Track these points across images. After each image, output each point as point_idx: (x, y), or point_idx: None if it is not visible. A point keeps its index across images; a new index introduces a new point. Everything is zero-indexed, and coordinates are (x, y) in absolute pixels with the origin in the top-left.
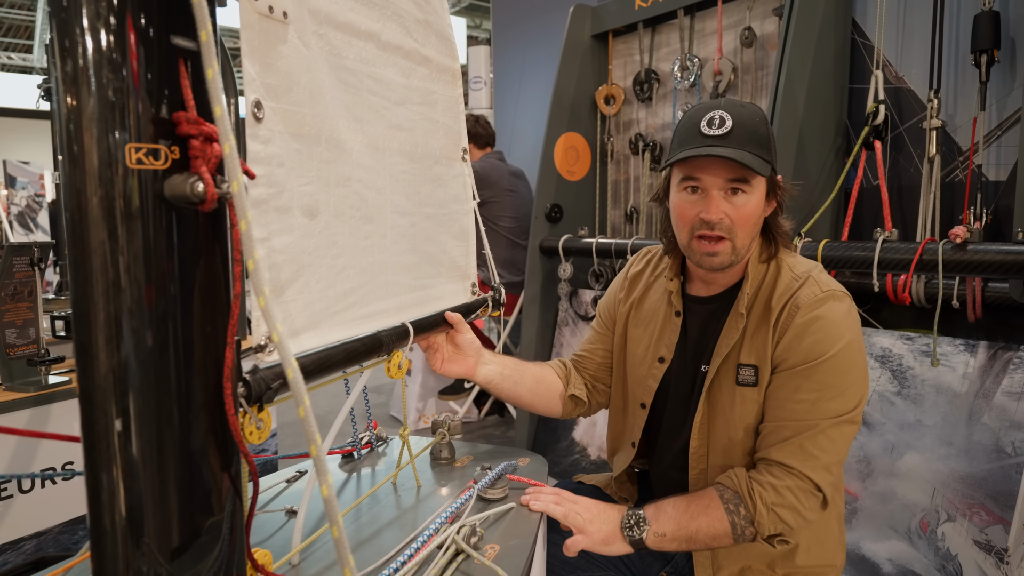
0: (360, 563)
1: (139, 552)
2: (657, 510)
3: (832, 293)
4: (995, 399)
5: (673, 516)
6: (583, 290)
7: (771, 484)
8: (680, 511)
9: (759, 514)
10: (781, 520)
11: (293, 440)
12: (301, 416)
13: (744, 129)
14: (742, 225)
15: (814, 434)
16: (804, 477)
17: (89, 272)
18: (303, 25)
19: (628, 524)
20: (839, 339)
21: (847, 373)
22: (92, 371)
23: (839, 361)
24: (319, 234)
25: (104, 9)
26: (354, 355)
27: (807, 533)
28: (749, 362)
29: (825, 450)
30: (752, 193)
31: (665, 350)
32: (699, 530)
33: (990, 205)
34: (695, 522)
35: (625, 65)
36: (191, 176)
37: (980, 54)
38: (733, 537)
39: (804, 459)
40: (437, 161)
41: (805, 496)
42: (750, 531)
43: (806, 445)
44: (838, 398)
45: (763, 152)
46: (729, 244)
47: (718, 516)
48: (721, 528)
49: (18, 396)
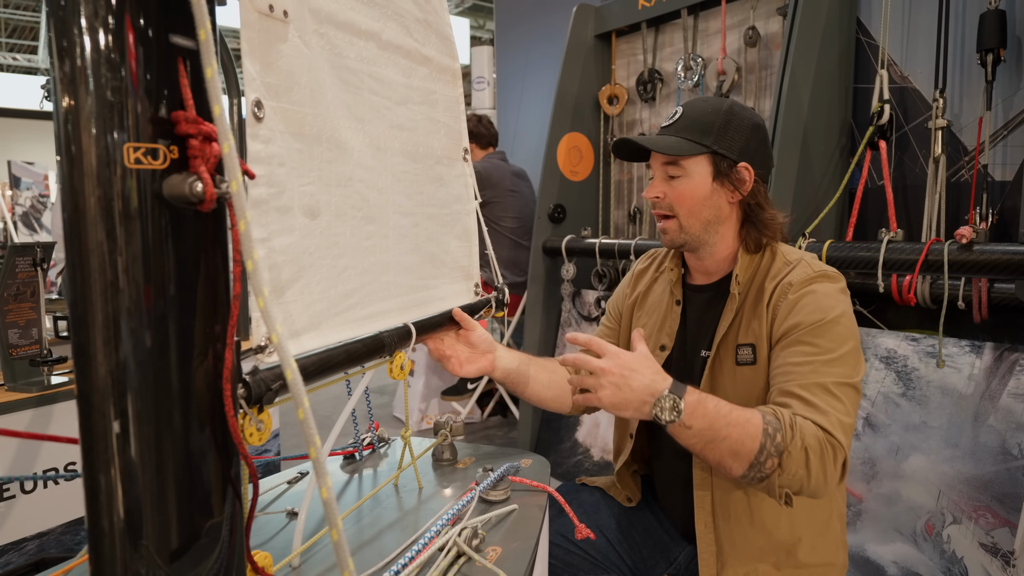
0: (361, 565)
1: (137, 554)
2: (699, 403)
3: (824, 273)
4: (1001, 401)
5: (711, 414)
6: (586, 291)
7: (812, 431)
8: (721, 414)
9: (794, 445)
10: (807, 466)
11: (296, 441)
12: (301, 418)
13: (689, 118)
14: (680, 204)
15: (820, 392)
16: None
17: (87, 272)
18: (304, 24)
19: (662, 405)
20: (834, 308)
21: (844, 341)
22: (90, 372)
23: (837, 327)
24: (320, 234)
25: (102, 8)
26: (355, 356)
27: (809, 527)
28: (747, 341)
29: (834, 407)
30: (686, 176)
31: (666, 338)
32: (727, 438)
33: (996, 205)
34: (728, 429)
35: (628, 65)
36: (190, 176)
37: (986, 53)
38: (750, 463)
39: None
40: (439, 161)
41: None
42: (772, 463)
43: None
44: (838, 362)
45: (701, 137)
46: (675, 222)
47: (753, 433)
48: (750, 447)
49: (20, 396)
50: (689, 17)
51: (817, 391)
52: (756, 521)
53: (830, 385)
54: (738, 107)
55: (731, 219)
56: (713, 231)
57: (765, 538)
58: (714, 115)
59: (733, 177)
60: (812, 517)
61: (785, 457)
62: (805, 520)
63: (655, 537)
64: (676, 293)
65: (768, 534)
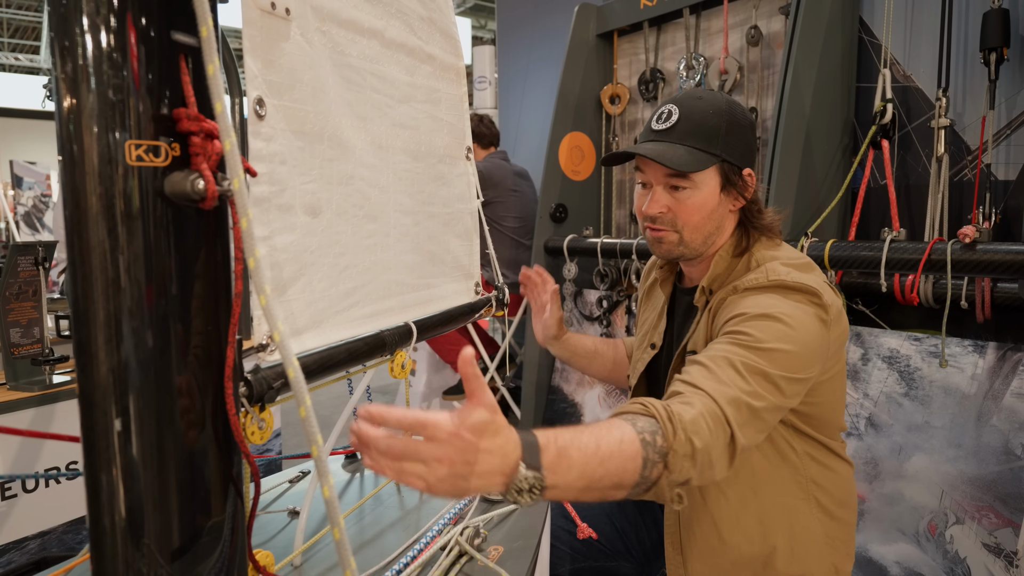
0: (363, 564)
1: (139, 553)
2: (559, 456)
3: (781, 283)
4: (1004, 400)
5: (577, 461)
6: (588, 290)
7: (686, 403)
8: (589, 452)
9: (677, 440)
10: (692, 453)
11: (297, 440)
12: (302, 416)
13: (690, 122)
14: (687, 219)
15: (723, 364)
16: (710, 398)
17: (89, 271)
18: (306, 22)
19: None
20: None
21: (778, 338)
22: (92, 370)
23: (776, 323)
24: (321, 232)
25: (104, 6)
26: (357, 354)
27: (785, 534)
28: (693, 348)
29: (734, 383)
30: (695, 188)
31: (657, 337)
32: (605, 475)
33: (999, 205)
34: (603, 467)
35: (630, 64)
36: (192, 173)
37: (989, 52)
38: (635, 483)
39: (712, 382)
40: (441, 159)
41: (715, 423)
42: (657, 470)
43: (713, 370)
44: (761, 350)
45: (708, 145)
46: (676, 235)
47: (631, 455)
48: (631, 469)
49: (22, 395)
50: (691, 16)
51: (722, 363)
52: (724, 535)
53: (738, 363)
54: (735, 104)
55: (728, 226)
56: (711, 241)
57: (736, 551)
58: (717, 117)
59: (739, 184)
60: (785, 521)
61: (671, 457)
62: (778, 526)
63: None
64: (665, 294)
65: (738, 547)
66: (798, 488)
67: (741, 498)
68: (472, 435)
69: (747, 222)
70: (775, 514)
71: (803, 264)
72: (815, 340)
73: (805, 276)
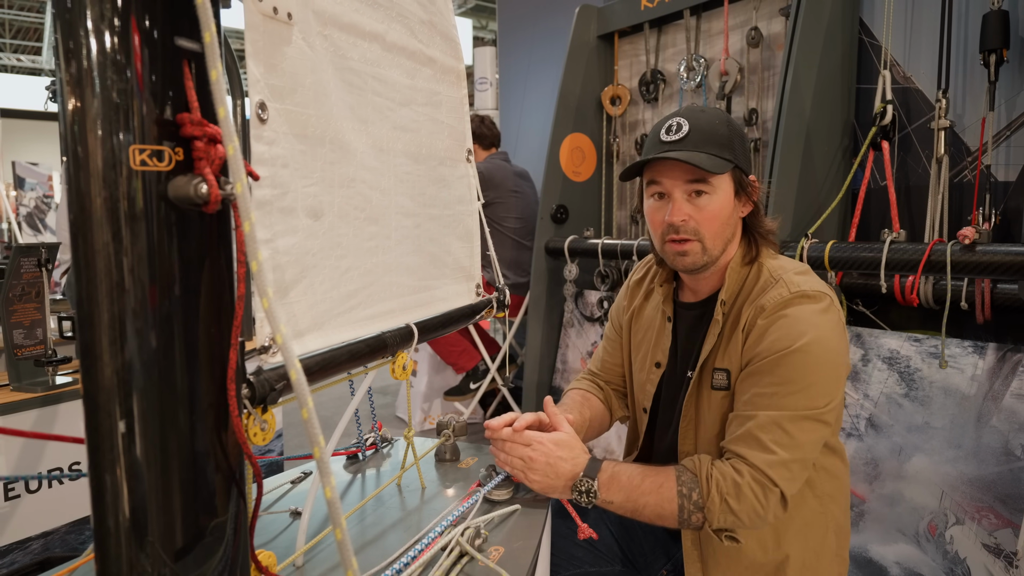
0: (364, 565)
1: (143, 553)
2: (612, 478)
3: (802, 293)
4: (1004, 401)
5: (625, 487)
6: (589, 291)
7: (730, 475)
8: (634, 485)
9: (711, 501)
10: (732, 512)
11: (299, 441)
12: (305, 418)
13: (701, 132)
14: (708, 225)
15: (771, 427)
16: (758, 470)
17: (93, 273)
18: (308, 26)
19: (579, 488)
20: (802, 335)
21: (812, 370)
22: (96, 372)
23: (802, 357)
24: (323, 235)
25: (108, 10)
26: (358, 356)
27: (799, 546)
28: (723, 367)
29: (782, 444)
30: (715, 193)
31: (661, 355)
32: (646, 506)
33: (999, 206)
34: (644, 498)
35: (631, 66)
36: (195, 177)
37: (989, 54)
38: (679, 521)
39: (760, 452)
40: (442, 162)
41: (761, 489)
42: (697, 517)
43: (762, 437)
44: (799, 393)
45: (722, 151)
46: (698, 244)
47: (669, 497)
48: (669, 509)
49: (25, 396)
50: (692, 18)
51: (770, 428)
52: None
53: (784, 420)
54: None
55: (738, 233)
56: (726, 250)
57: (750, 556)
58: (723, 126)
59: (749, 190)
60: (803, 534)
61: (707, 511)
62: (795, 537)
63: (656, 533)
64: (667, 310)
65: (753, 552)
66: (818, 504)
67: None
68: (553, 446)
69: (751, 229)
70: (791, 527)
71: (807, 270)
72: (838, 345)
73: (817, 283)
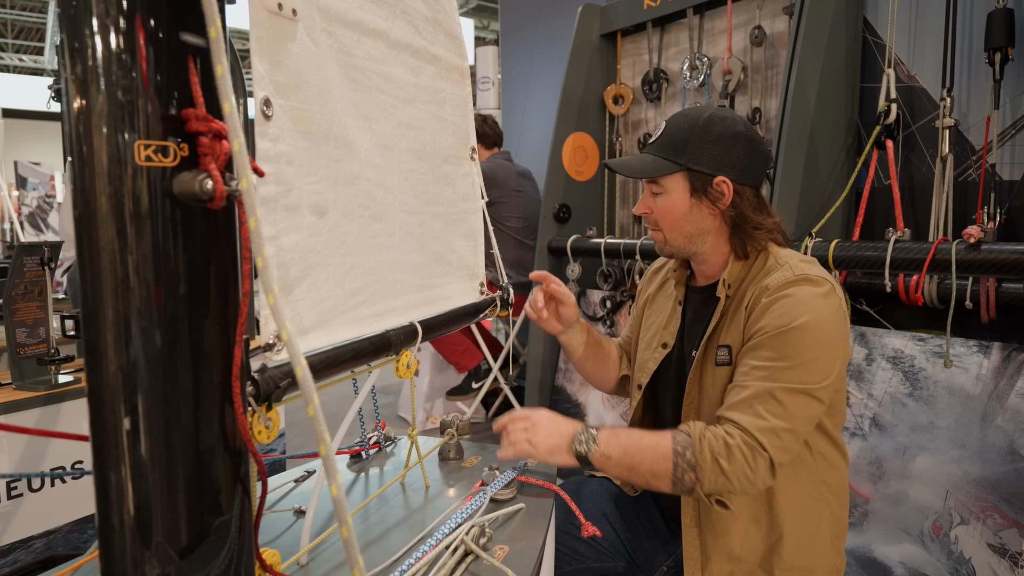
0: (369, 563)
1: (148, 551)
2: (611, 434)
3: (805, 277)
4: (1009, 401)
5: (624, 443)
6: (591, 290)
7: (721, 436)
8: (632, 441)
9: (703, 459)
10: (722, 473)
11: (301, 440)
12: (310, 415)
13: (667, 135)
14: (663, 219)
15: (765, 396)
16: (748, 434)
17: (98, 270)
18: (312, 23)
19: (579, 439)
20: (802, 314)
21: (809, 348)
22: (101, 370)
23: (800, 334)
24: (328, 232)
25: (113, 7)
26: (362, 354)
27: (793, 527)
28: (726, 343)
29: (775, 413)
30: (666, 193)
31: (669, 337)
32: (642, 462)
33: (1004, 205)
34: (641, 454)
35: (634, 65)
36: (200, 173)
37: (994, 52)
38: (672, 480)
39: (752, 417)
40: (446, 160)
41: (751, 453)
42: (690, 477)
43: (755, 405)
44: (795, 368)
45: (674, 155)
46: (660, 234)
47: (664, 454)
48: (664, 467)
49: (28, 395)
50: (695, 16)
51: (764, 397)
52: (737, 518)
53: (777, 391)
54: (718, 117)
55: (719, 229)
56: (700, 242)
57: (746, 536)
58: (690, 131)
59: (711, 192)
60: (797, 517)
61: (699, 470)
62: (789, 519)
63: (657, 529)
64: (678, 294)
65: (748, 532)
66: (813, 488)
67: None
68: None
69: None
70: (787, 507)
71: (812, 261)
72: (836, 332)
73: (821, 271)
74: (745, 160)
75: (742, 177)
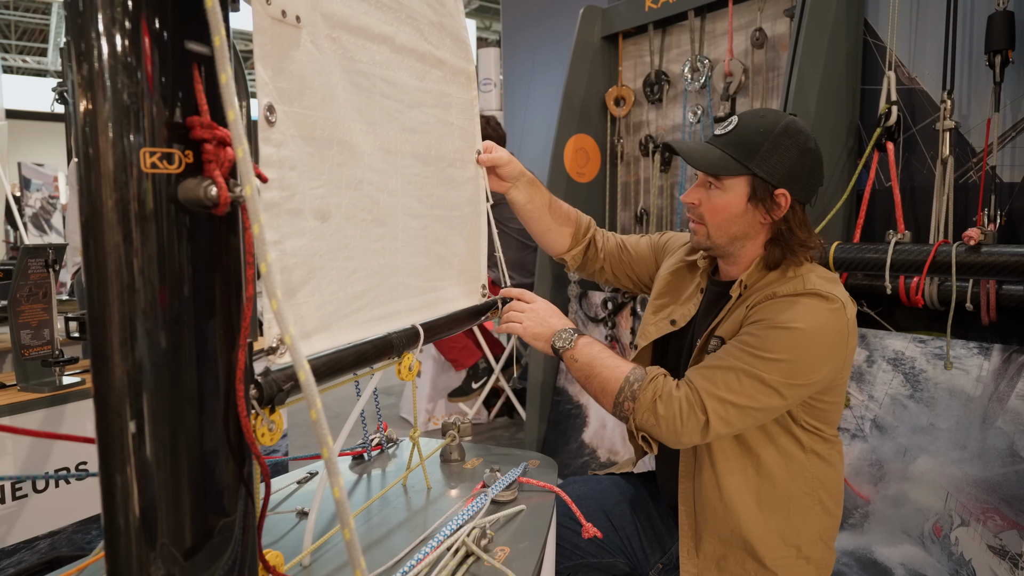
0: (371, 564)
1: (153, 552)
2: (588, 344)
3: (816, 292)
4: (1009, 402)
5: (594, 355)
6: (593, 292)
7: (671, 385)
8: (601, 357)
9: (644, 395)
10: (655, 414)
11: (303, 441)
12: (313, 418)
13: (739, 134)
14: (711, 216)
15: (727, 371)
16: (696, 392)
17: (104, 274)
18: (316, 29)
19: (561, 335)
20: (800, 319)
21: (790, 349)
22: (107, 373)
23: (787, 334)
24: (331, 237)
25: (119, 14)
26: (365, 357)
27: (781, 518)
28: (720, 334)
29: (730, 388)
30: (725, 191)
31: (680, 317)
32: (598, 376)
33: (1004, 207)
34: (600, 370)
35: (635, 66)
36: (205, 180)
37: (994, 55)
38: (614, 403)
39: (706, 382)
40: (451, 163)
41: (689, 408)
42: (628, 406)
43: (716, 373)
44: (768, 361)
45: (743, 157)
46: (704, 228)
47: (617, 377)
48: (612, 388)
49: (33, 396)
50: (696, 19)
51: (726, 371)
52: (725, 499)
53: (743, 372)
54: (794, 129)
55: (759, 236)
56: (739, 245)
57: (734, 518)
58: (764, 136)
59: (769, 201)
60: (785, 508)
61: (637, 403)
62: (777, 509)
63: (655, 528)
64: (702, 283)
65: (736, 513)
66: (805, 483)
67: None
68: (553, 310)
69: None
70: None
71: (833, 278)
72: (829, 347)
73: (836, 288)
74: (807, 177)
75: (800, 193)
